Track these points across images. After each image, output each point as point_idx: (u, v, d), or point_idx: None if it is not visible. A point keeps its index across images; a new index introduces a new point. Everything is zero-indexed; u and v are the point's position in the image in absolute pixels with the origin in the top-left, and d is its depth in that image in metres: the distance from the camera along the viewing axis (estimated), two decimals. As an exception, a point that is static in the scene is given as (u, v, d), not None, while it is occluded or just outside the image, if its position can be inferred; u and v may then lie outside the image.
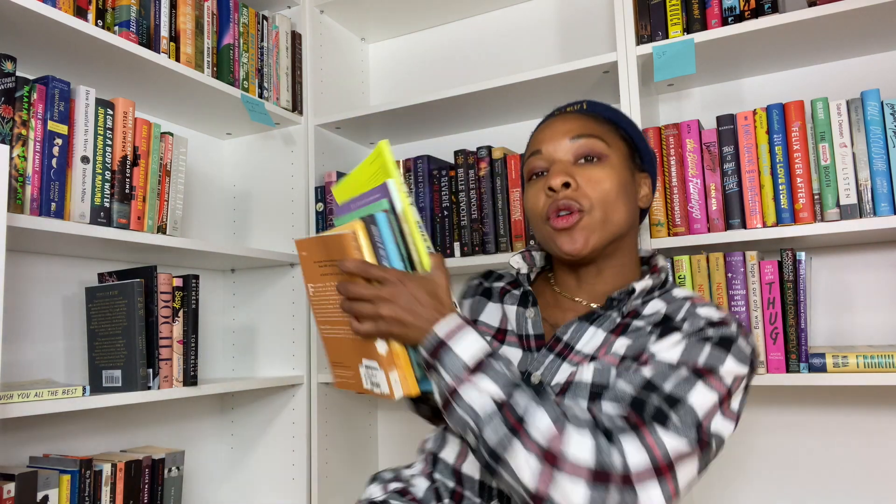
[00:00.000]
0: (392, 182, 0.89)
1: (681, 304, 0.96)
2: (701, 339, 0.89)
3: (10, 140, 1.19)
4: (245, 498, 1.85)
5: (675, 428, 0.80)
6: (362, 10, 1.97)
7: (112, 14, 1.42)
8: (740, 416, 0.96)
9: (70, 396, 1.22)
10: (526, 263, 1.09)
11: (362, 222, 0.88)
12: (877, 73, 1.54)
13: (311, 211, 1.86)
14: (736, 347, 0.88)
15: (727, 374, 0.86)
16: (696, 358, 0.86)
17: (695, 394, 0.83)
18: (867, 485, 1.48)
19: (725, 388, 0.85)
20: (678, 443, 0.79)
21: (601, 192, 0.96)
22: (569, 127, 1.01)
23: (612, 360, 0.93)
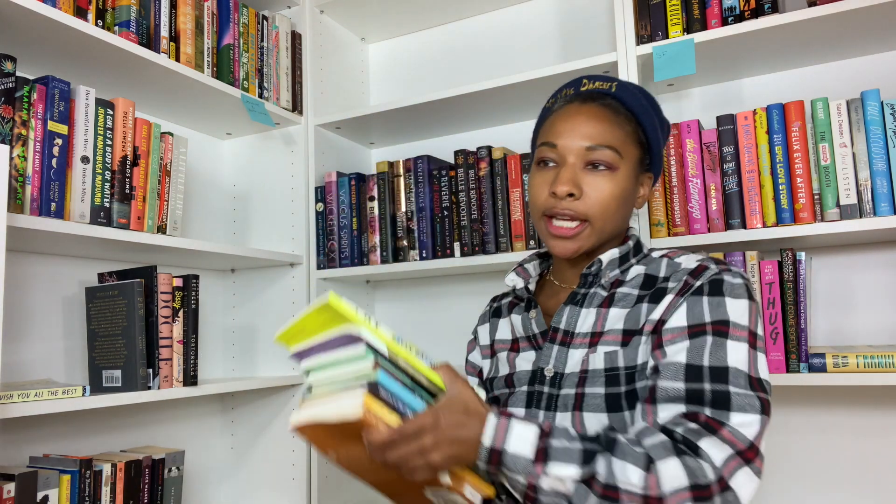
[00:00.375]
0: (364, 331, 0.82)
1: (659, 263, 1.01)
2: (694, 293, 0.92)
3: (10, 140, 1.19)
4: (245, 498, 1.85)
5: (740, 407, 0.83)
6: (362, 10, 1.97)
7: (112, 14, 1.42)
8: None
9: (70, 396, 1.22)
10: (521, 278, 1.11)
11: (367, 393, 0.80)
12: (877, 73, 1.54)
13: (311, 211, 1.86)
14: (726, 285, 0.91)
15: (738, 316, 0.89)
16: (703, 315, 0.90)
17: (731, 355, 0.86)
18: (867, 484, 1.48)
19: (746, 330, 0.88)
20: (749, 422, 0.83)
21: (603, 203, 0.99)
22: (590, 131, 1.00)
23: (613, 338, 0.95)
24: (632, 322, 0.95)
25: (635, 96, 1.05)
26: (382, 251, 1.78)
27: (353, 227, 1.81)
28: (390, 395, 0.83)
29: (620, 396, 0.91)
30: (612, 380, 0.92)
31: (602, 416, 0.91)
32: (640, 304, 0.96)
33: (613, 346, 0.94)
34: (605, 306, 0.99)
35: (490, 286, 1.91)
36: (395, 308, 2.04)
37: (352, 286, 1.97)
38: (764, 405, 0.85)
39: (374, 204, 1.80)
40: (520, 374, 1.03)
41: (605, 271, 1.01)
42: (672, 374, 0.88)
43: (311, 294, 1.83)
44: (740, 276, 0.93)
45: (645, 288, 0.98)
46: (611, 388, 0.92)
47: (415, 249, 1.75)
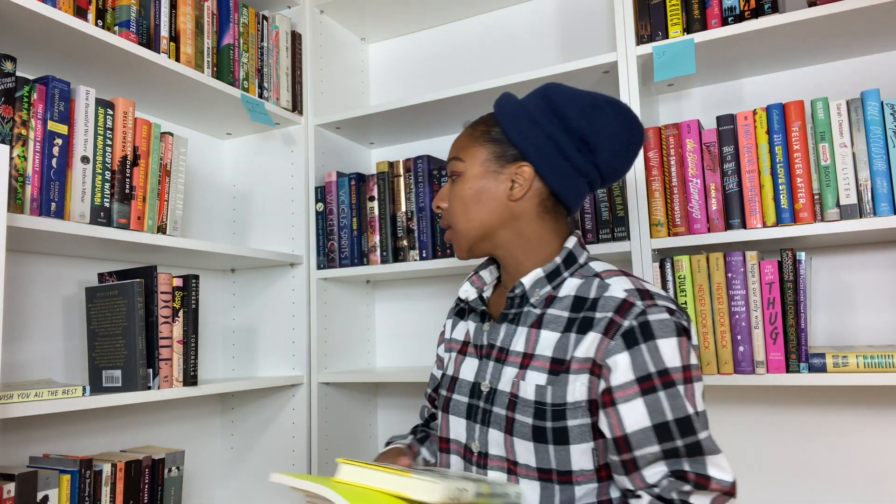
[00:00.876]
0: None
1: (591, 283, 1.04)
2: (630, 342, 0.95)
3: (10, 140, 1.19)
4: (245, 498, 1.85)
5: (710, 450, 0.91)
6: (362, 10, 1.97)
7: (112, 14, 1.42)
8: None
9: (70, 396, 1.22)
10: (475, 287, 1.15)
11: None
12: (877, 73, 1.54)
13: (311, 211, 1.86)
14: (655, 326, 0.95)
15: (672, 359, 0.94)
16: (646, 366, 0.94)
17: (686, 403, 0.93)
18: (867, 484, 1.48)
19: (681, 371, 0.94)
20: (722, 463, 0.91)
21: (455, 206, 1.10)
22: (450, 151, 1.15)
23: (541, 364, 1.00)
24: (560, 351, 1.00)
25: (503, 97, 1.12)
26: (382, 251, 1.78)
27: (353, 227, 1.81)
28: None
29: (546, 430, 0.97)
30: (539, 413, 0.98)
31: (529, 445, 0.98)
32: (569, 333, 1.00)
33: (542, 374, 1.00)
34: (536, 327, 1.04)
35: (490, 286, 1.91)
36: (395, 308, 2.04)
37: (352, 286, 1.97)
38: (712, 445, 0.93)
39: (374, 204, 1.80)
40: (462, 381, 1.11)
41: (532, 291, 1.06)
42: (644, 440, 0.92)
43: (311, 294, 1.83)
44: (665, 309, 0.97)
45: (574, 310, 1.02)
46: (538, 420, 0.98)
47: (415, 249, 1.75)
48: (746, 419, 1.59)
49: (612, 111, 1.05)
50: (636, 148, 1.08)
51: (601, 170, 1.07)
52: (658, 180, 1.47)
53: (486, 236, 1.09)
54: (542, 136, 1.05)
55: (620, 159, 1.07)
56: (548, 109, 1.06)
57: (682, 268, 1.42)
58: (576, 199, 1.08)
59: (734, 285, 1.37)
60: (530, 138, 1.06)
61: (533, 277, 1.05)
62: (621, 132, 1.05)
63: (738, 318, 1.37)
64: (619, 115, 1.05)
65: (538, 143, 1.05)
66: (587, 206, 1.55)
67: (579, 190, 1.07)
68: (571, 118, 1.04)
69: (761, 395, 1.58)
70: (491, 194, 1.07)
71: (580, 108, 1.04)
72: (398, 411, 2.00)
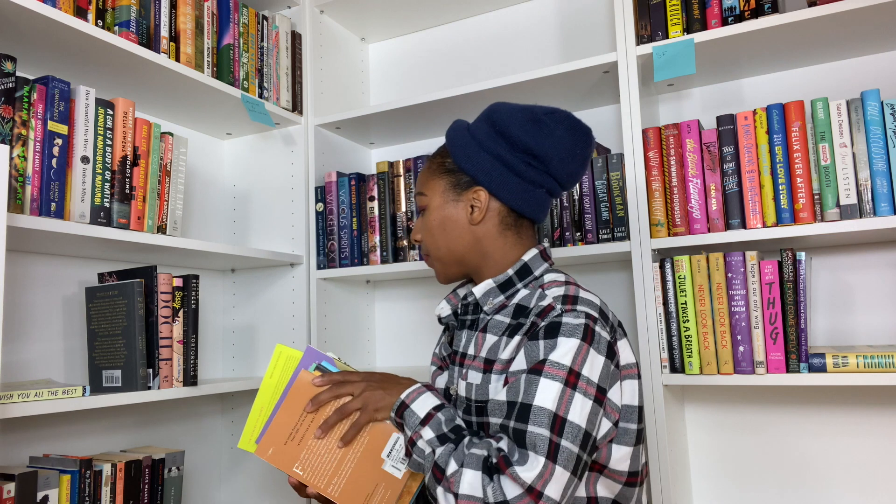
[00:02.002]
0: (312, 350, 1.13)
1: (534, 293, 1.08)
2: (533, 336, 1.00)
3: (10, 140, 1.19)
4: (245, 498, 1.85)
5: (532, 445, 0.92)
6: (362, 10, 1.97)
7: (112, 14, 1.42)
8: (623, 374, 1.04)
9: (70, 396, 1.22)
10: (451, 304, 1.20)
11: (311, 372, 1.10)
12: (877, 73, 1.54)
13: (311, 211, 1.86)
14: (564, 327, 0.98)
15: (561, 355, 0.96)
16: (534, 357, 0.98)
17: (539, 393, 0.94)
18: (867, 484, 1.48)
19: (565, 369, 0.95)
20: (533, 465, 0.90)
21: (428, 237, 1.17)
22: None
23: (478, 364, 1.07)
24: (492, 353, 1.06)
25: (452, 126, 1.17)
26: (382, 251, 1.78)
27: (353, 227, 1.81)
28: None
29: (471, 425, 1.06)
30: (467, 409, 1.07)
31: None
32: (503, 337, 1.06)
33: (477, 373, 1.06)
34: (483, 331, 1.10)
35: (490, 286, 1.91)
36: (395, 308, 2.04)
37: (352, 286, 1.97)
38: (554, 449, 0.91)
39: (374, 204, 1.80)
40: (440, 391, 1.18)
41: (484, 299, 1.11)
42: (495, 410, 0.99)
43: (311, 294, 1.83)
44: (584, 315, 0.99)
45: (514, 317, 1.07)
46: (466, 415, 1.07)
47: (414, 249, 1.75)
48: (746, 419, 1.59)
49: (551, 120, 1.09)
50: (585, 150, 1.12)
51: (556, 177, 1.12)
52: (658, 180, 1.47)
53: (458, 261, 1.16)
54: (489, 159, 1.10)
55: (572, 164, 1.11)
56: (492, 131, 1.11)
57: (682, 268, 1.42)
58: (537, 211, 1.13)
59: (734, 285, 1.37)
60: (479, 163, 1.11)
61: (484, 287, 1.11)
62: (565, 138, 1.09)
63: (738, 318, 1.37)
64: (558, 124, 1.09)
65: (486, 166, 1.10)
66: (587, 206, 1.56)
67: (538, 201, 1.12)
68: (514, 135, 1.08)
69: (761, 395, 1.58)
70: (454, 222, 1.14)
71: (520, 123, 1.09)
72: (398, 411, 2.00)
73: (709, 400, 1.63)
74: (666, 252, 1.53)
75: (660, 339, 1.43)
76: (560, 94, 1.71)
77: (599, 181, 1.55)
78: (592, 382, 0.95)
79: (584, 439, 0.93)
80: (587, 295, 1.05)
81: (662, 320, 1.44)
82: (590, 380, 0.95)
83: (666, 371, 1.43)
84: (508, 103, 1.14)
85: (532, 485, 0.89)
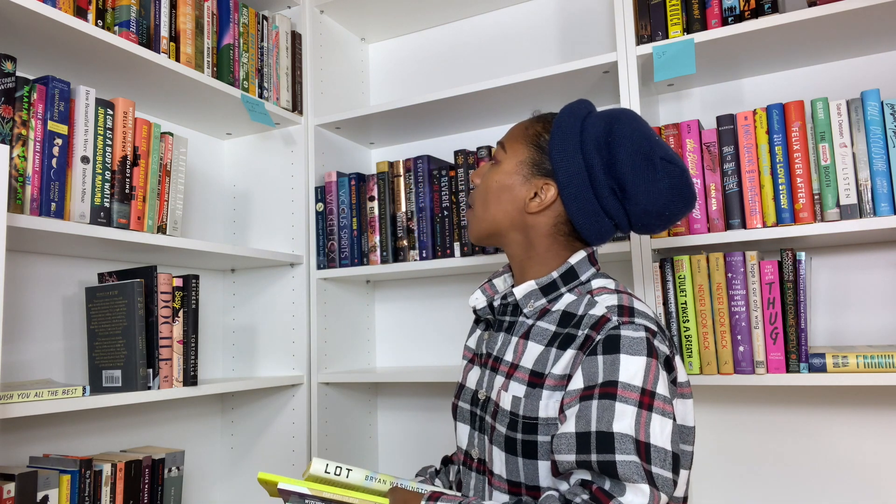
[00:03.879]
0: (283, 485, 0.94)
1: (582, 299, 1.01)
2: (591, 351, 0.92)
3: (10, 140, 1.19)
4: (245, 498, 1.85)
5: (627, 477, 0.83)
6: (362, 10, 1.97)
7: (112, 14, 1.42)
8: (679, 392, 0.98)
9: (70, 396, 1.22)
10: (486, 295, 1.13)
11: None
12: (877, 73, 1.54)
13: (311, 211, 1.86)
14: (624, 341, 0.91)
15: (630, 376, 0.88)
16: (596, 377, 0.89)
17: (617, 420, 0.85)
18: (867, 484, 1.48)
19: (638, 391, 0.87)
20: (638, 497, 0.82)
21: (481, 192, 1.10)
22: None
23: (521, 375, 0.99)
24: (540, 365, 0.98)
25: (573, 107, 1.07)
26: (382, 251, 1.78)
27: (353, 227, 1.81)
28: None
29: (516, 442, 0.96)
30: (512, 424, 0.97)
31: (502, 455, 0.98)
32: (551, 348, 0.98)
33: (521, 385, 0.98)
34: (524, 338, 1.03)
35: (490, 286, 1.91)
36: (395, 308, 2.04)
37: (352, 286, 1.97)
38: (650, 477, 0.83)
39: (374, 204, 1.80)
40: (466, 389, 1.12)
41: (525, 301, 1.04)
42: (565, 446, 0.89)
43: (311, 294, 1.83)
44: (644, 328, 0.92)
45: (562, 325, 1.00)
46: (510, 431, 0.97)
47: (415, 249, 1.75)
48: (746, 419, 1.59)
49: (663, 169, 1.00)
50: (676, 211, 1.02)
51: (631, 218, 1.03)
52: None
53: (495, 232, 1.09)
54: (579, 164, 1.02)
55: (654, 218, 1.02)
56: (602, 139, 1.02)
57: (682, 268, 1.42)
58: (596, 236, 1.05)
59: (734, 285, 1.37)
60: (567, 162, 1.02)
61: (525, 289, 1.04)
62: (664, 193, 1.00)
63: (738, 318, 1.37)
64: (668, 177, 1.00)
65: (573, 170, 1.02)
66: (587, 206, 1.56)
67: (602, 228, 1.04)
68: (619, 158, 0.99)
69: (761, 395, 1.58)
70: (512, 196, 1.06)
71: (632, 151, 0.99)
72: (398, 411, 2.00)
73: (709, 400, 1.63)
74: (666, 252, 1.53)
75: (660, 339, 1.43)
76: (560, 95, 1.71)
77: (599, 181, 1.55)
78: (668, 399, 0.88)
79: (673, 462, 0.86)
80: (642, 306, 0.97)
81: (662, 320, 1.43)
82: (666, 398, 0.88)
83: (666, 371, 1.43)
84: (639, 120, 1.03)
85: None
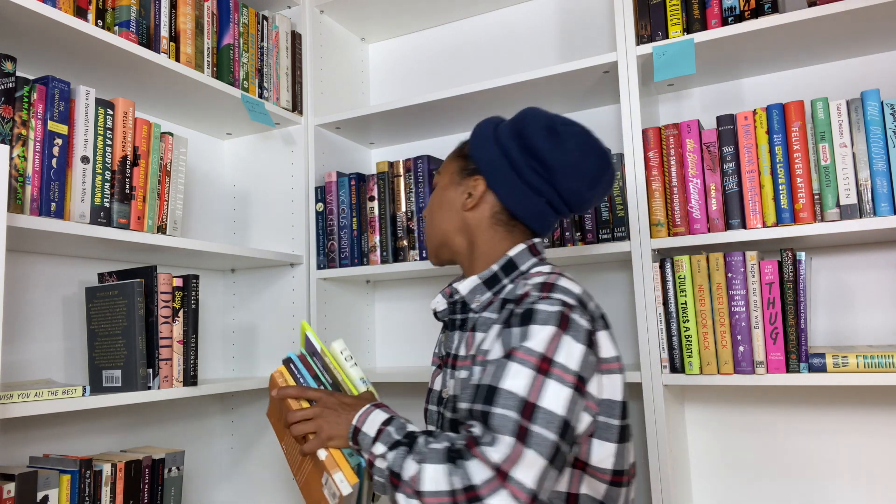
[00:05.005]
0: (309, 334, 1.18)
1: (517, 285, 1.07)
2: (508, 323, 1.00)
3: (10, 140, 1.19)
4: (245, 498, 1.85)
5: (497, 428, 0.89)
6: (362, 10, 1.97)
7: (112, 14, 1.42)
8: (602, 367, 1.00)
9: (70, 396, 1.22)
10: (446, 298, 1.18)
11: (283, 364, 1.16)
12: (877, 73, 1.54)
13: (311, 211, 1.86)
14: (537, 314, 0.96)
15: (535, 342, 0.93)
16: (508, 345, 0.96)
17: (508, 378, 0.92)
18: (867, 484, 1.48)
19: (538, 356, 0.93)
20: (500, 446, 0.88)
21: (428, 214, 1.21)
22: None
23: (467, 363, 1.07)
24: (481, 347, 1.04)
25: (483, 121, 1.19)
26: (382, 251, 1.78)
27: (353, 227, 1.81)
28: (300, 375, 1.15)
29: (456, 421, 1.06)
30: (454, 407, 1.07)
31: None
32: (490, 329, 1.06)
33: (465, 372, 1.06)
34: (472, 330, 1.09)
35: (490, 286, 1.91)
36: (395, 308, 2.04)
37: (352, 286, 1.97)
38: (522, 433, 0.88)
39: (374, 204, 1.80)
40: (433, 392, 1.18)
41: (471, 297, 1.12)
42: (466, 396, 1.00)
43: (311, 294, 1.83)
44: (560, 303, 0.97)
45: (500, 311, 1.06)
46: (453, 413, 1.07)
47: (415, 249, 1.75)
48: (746, 419, 1.59)
49: (565, 132, 1.08)
50: (595, 171, 1.08)
51: (559, 191, 1.09)
52: (658, 180, 1.47)
53: (445, 243, 1.17)
54: (497, 153, 1.11)
55: (577, 181, 1.08)
56: (512, 130, 1.11)
57: (682, 268, 1.42)
58: (532, 217, 1.11)
59: (734, 285, 1.37)
60: (487, 154, 1.12)
61: (470, 284, 1.11)
62: (573, 152, 1.07)
63: (738, 318, 1.37)
64: (571, 137, 1.07)
65: (493, 158, 1.11)
66: (587, 206, 1.56)
67: (535, 208, 1.10)
68: (528, 137, 1.08)
69: (761, 395, 1.58)
70: (450, 203, 1.16)
71: (537, 128, 1.08)
72: (397, 411, 2.00)
73: (709, 400, 1.63)
74: (666, 252, 1.53)
75: (660, 339, 1.43)
76: (560, 95, 1.71)
77: (599, 181, 1.55)
78: (569, 370, 0.93)
79: (562, 427, 0.90)
80: (568, 284, 1.02)
81: (662, 320, 1.44)
82: (566, 367, 0.92)
83: (666, 371, 1.43)
84: (541, 110, 1.13)
85: (499, 465, 0.86)
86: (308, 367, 1.16)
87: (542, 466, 0.87)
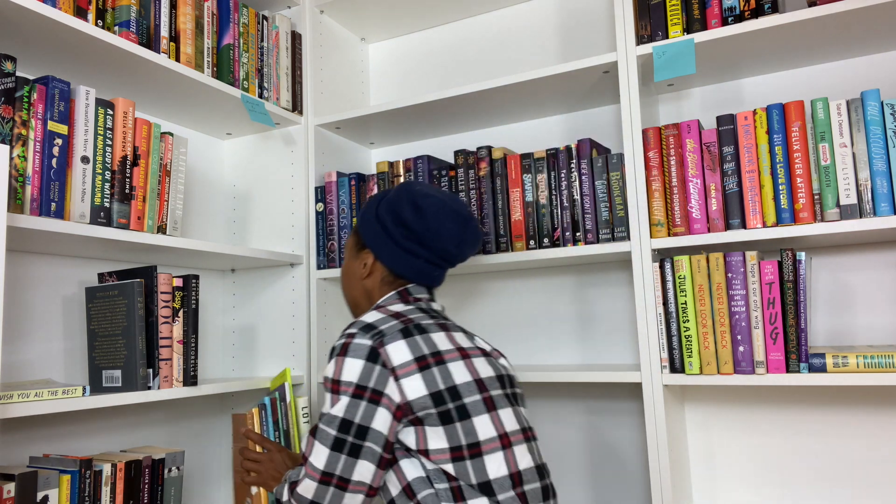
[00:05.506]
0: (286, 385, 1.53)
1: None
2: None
3: (10, 140, 1.19)
4: (245, 498, 1.85)
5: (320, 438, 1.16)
6: (362, 10, 1.97)
7: (112, 14, 1.42)
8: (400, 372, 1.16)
9: (70, 396, 1.22)
10: None
11: (257, 406, 1.52)
12: (877, 73, 1.54)
13: (311, 211, 1.86)
14: (334, 349, 1.18)
15: (329, 371, 1.17)
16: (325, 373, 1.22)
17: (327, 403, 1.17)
18: (867, 485, 1.48)
19: (331, 381, 1.17)
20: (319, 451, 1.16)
21: (341, 279, 1.45)
22: None
23: None
24: None
25: (369, 198, 1.42)
26: (382, 251, 1.78)
27: (352, 227, 1.81)
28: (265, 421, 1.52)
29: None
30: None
31: None
32: None
33: None
34: None
35: (490, 286, 1.91)
36: (395, 308, 2.04)
37: (352, 286, 1.97)
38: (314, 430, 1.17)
39: (374, 204, 1.80)
40: None
41: None
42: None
43: (311, 294, 1.83)
44: (345, 335, 1.19)
45: None
46: None
47: (415, 249, 1.75)
48: (746, 419, 1.59)
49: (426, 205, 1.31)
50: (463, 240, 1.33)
51: (435, 252, 1.32)
52: (658, 180, 1.47)
53: (356, 304, 1.40)
54: (378, 228, 1.34)
55: (443, 242, 1.30)
56: (388, 207, 1.34)
57: (682, 268, 1.42)
58: (415, 275, 1.33)
59: (734, 285, 1.37)
60: (370, 230, 1.35)
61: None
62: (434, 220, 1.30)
63: (738, 318, 1.37)
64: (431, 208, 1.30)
65: (375, 233, 1.34)
66: (587, 206, 1.56)
67: (417, 267, 1.32)
68: (401, 213, 1.31)
69: (761, 395, 1.58)
70: (353, 273, 1.39)
71: (404, 203, 1.32)
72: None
73: (709, 400, 1.63)
74: (666, 252, 1.53)
75: (660, 339, 1.43)
76: (560, 94, 1.71)
77: (599, 181, 1.55)
78: (350, 383, 1.14)
79: (340, 424, 1.13)
80: (374, 317, 1.21)
81: (662, 320, 1.44)
82: (349, 382, 1.14)
83: (666, 371, 1.43)
84: (413, 185, 1.35)
85: (304, 453, 1.17)
86: (274, 414, 1.52)
87: (328, 455, 1.14)
